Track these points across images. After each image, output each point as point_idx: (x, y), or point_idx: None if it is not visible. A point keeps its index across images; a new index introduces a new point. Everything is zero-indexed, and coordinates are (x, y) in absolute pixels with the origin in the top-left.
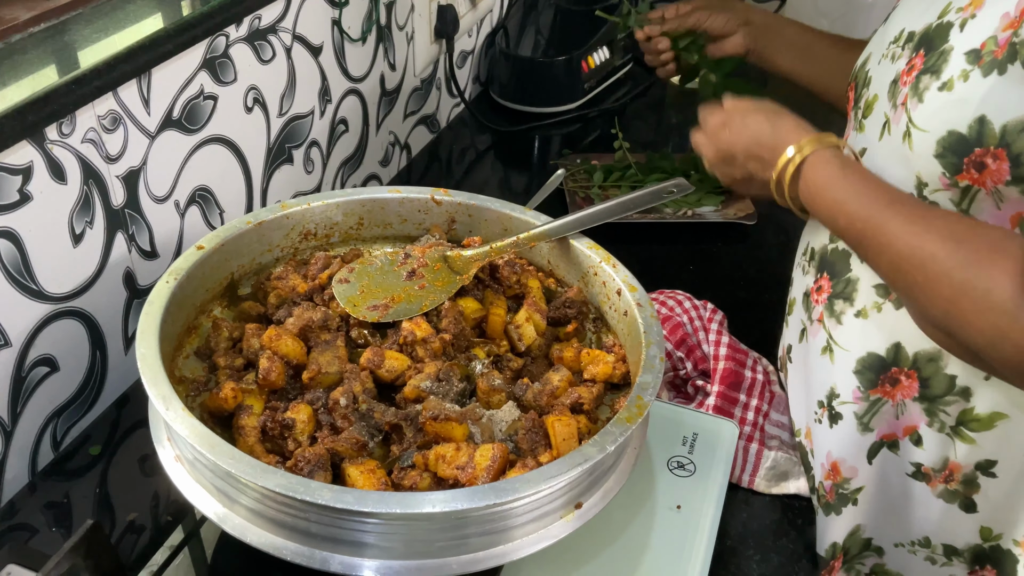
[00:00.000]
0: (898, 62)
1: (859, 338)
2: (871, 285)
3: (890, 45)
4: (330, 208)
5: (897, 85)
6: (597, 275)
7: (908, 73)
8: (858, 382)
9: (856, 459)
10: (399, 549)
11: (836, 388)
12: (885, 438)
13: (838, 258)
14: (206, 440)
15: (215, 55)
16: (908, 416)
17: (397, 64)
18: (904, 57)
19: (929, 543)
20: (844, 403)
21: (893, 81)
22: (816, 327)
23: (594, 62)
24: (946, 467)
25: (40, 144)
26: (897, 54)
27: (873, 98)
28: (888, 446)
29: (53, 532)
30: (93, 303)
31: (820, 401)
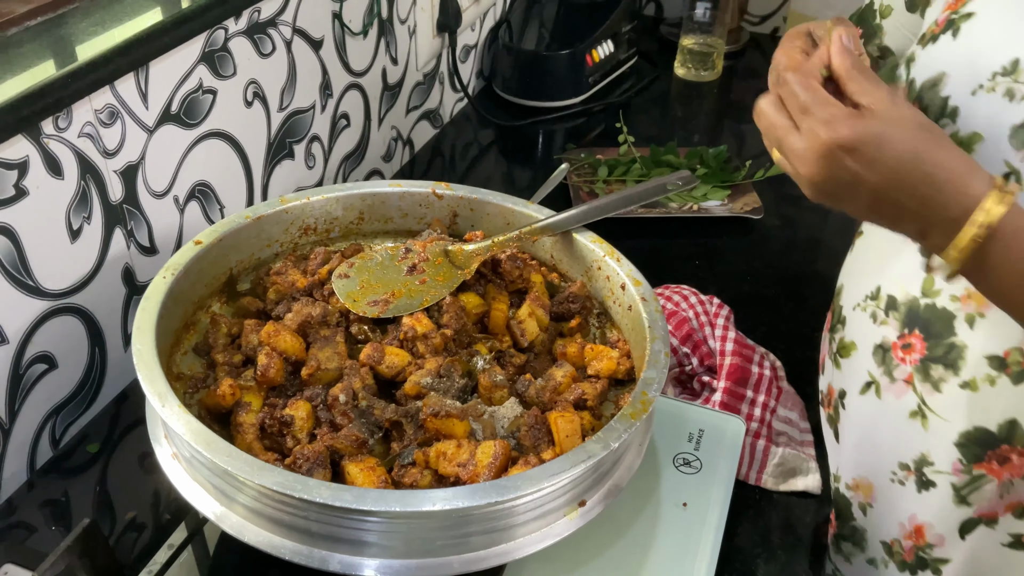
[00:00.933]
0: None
1: (965, 410)
2: (983, 355)
3: (999, 77)
4: (330, 202)
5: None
6: (601, 269)
7: None
8: (960, 455)
9: (945, 528)
10: (399, 548)
11: (930, 456)
12: (984, 516)
13: (937, 318)
14: (203, 438)
15: (214, 48)
16: (1014, 494)
17: (399, 58)
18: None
19: None
20: (939, 472)
21: (1020, 126)
22: (901, 387)
23: (598, 55)
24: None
25: (36, 138)
26: (1017, 91)
27: (972, 137)
28: (986, 523)
29: (52, 530)
30: (91, 300)
31: (904, 464)
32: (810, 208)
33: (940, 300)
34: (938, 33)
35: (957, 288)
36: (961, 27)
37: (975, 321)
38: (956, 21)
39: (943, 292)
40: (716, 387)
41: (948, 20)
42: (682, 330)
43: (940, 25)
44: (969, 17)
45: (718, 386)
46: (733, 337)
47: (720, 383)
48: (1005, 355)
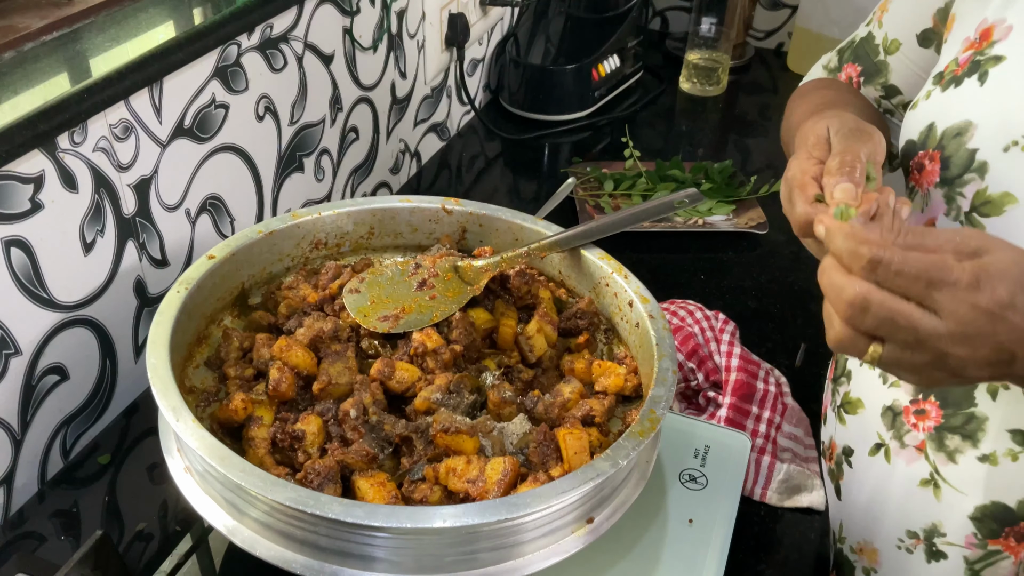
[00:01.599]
0: None
1: (983, 485)
2: (1006, 429)
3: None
4: (341, 217)
5: None
6: (609, 286)
7: None
8: (975, 528)
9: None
10: (409, 564)
11: (942, 527)
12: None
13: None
14: (216, 452)
15: (227, 64)
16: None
17: (408, 72)
18: None
19: None
20: (951, 544)
21: None
22: (911, 454)
23: (604, 70)
24: None
25: (52, 153)
26: None
27: (1003, 197)
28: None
29: (62, 541)
30: (103, 312)
31: (913, 532)
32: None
33: None
34: (960, 75)
35: None
36: (990, 72)
37: (998, 393)
38: (983, 64)
39: None
40: (721, 403)
41: (973, 61)
42: (688, 345)
43: (963, 66)
44: (999, 62)
45: (723, 402)
46: (738, 353)
47: (725, 399)
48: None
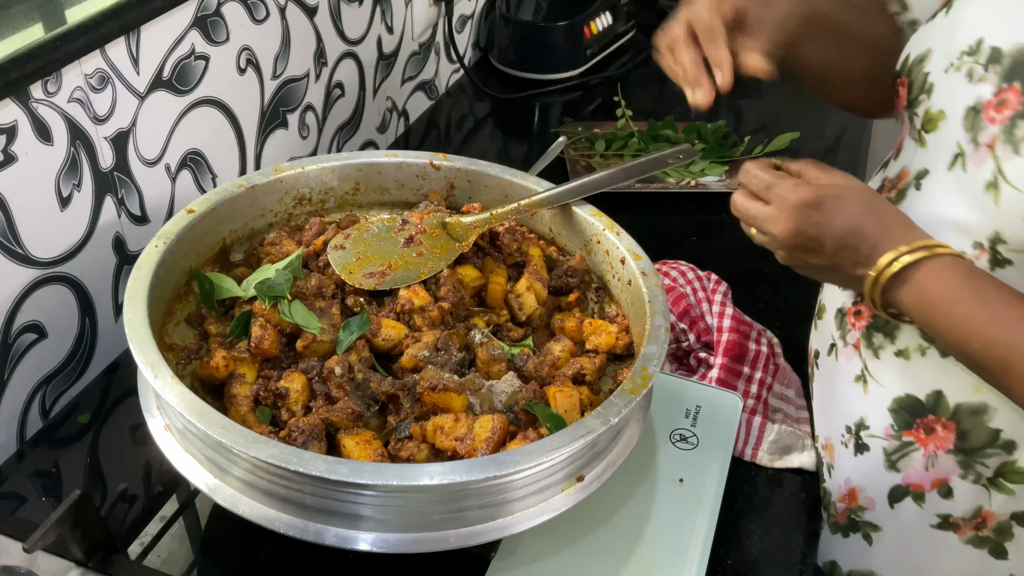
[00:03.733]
0: (979, 85)
1: (898, 378)
2: (917, 328)
3: (964, 56)
4: (325, 172)
5: (979, 117)
6: (600, 243)
7: (998, 109)
8: (892, 420)
9: (876, 493)
10: (395, 522)
11: (867, 420)
12: (912, 487)
13: None
14: (196, 409)
15: (206, 13)
16: (939, 469)
17: (395, 27)
18: (989, 83)
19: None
20: (874, 436)
21: (972, 108)
22: (850, 352)
23: (596, 28)
24: (979, 515)
25: (24, 103)
26: (977, 73)
27: (938, 114)
28: (913, 496)
29: (43, 501)
30: (82, 268)
31: (848, 427)
32: None
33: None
34: (939, 10)
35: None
36: (954, 5)
37: None
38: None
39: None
40: (713, 363)
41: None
42: (679, 306)
43: (943, 2)
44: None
45: (715, 362)
46: (731, 313)
47: (717, 359)
48: None
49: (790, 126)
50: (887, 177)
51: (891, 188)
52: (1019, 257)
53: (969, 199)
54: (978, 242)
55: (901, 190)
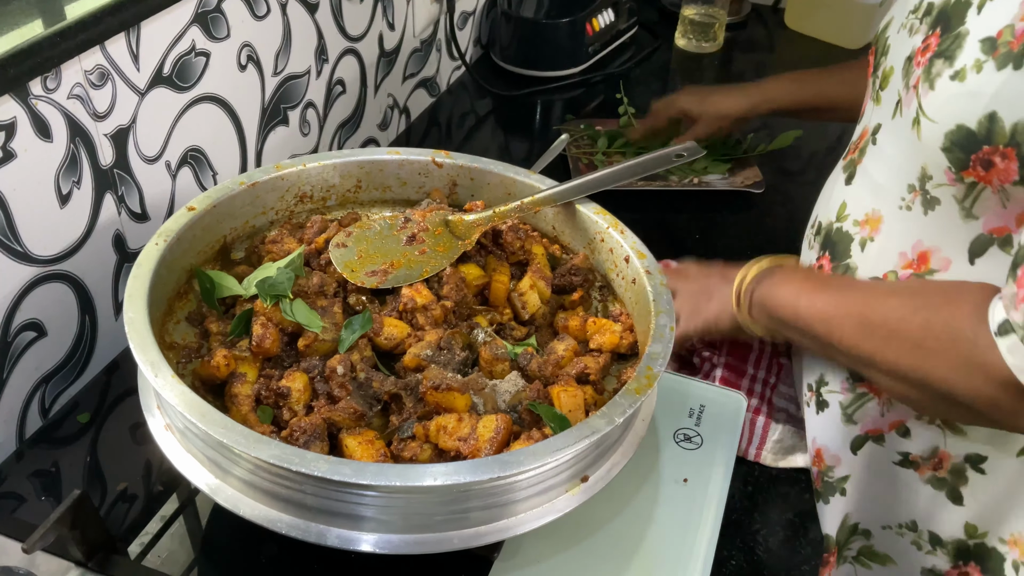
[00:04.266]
0: (915, 36)
1: None
2: (869, 277)
3: (909, 15)
4: (327, 170)
5: (911, 64)
6: (604, 241)
7: (923, 53)
8: (846, 373)
9: (840, 449)
10: (398, 523)
11: (825, 376)
12: (870, 432)
13: (841, 240)
14: (197, 409)
15: (207, 9)
16: (895, 412)
17: (396, 23)
18: (921, 32)
19: (916, 527)
20: (832, 392)
21: (908, 58)
22: None
23: (599, 24)
24: (935, 455)
25: (24, 99)
26: (915, 26)
27: (890, 70)
28: (873, 439)
29: (41, 501)
30: (81, 266)
31: (810, 384)
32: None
33: (846, 225)
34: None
35: (859, 213)
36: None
37: (866, 244)
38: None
39: (849, 217)
40: (717, 363)
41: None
42: None
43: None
44: None
45: (719, 362)
46: None
47: (721, 359)
48: (883, 277)
49: (792, 124)
50: (852, 141)
51: (854, 149)
52: (944, 193)
53: (905, 141)
54: (911, 184)
55: (862, 148)
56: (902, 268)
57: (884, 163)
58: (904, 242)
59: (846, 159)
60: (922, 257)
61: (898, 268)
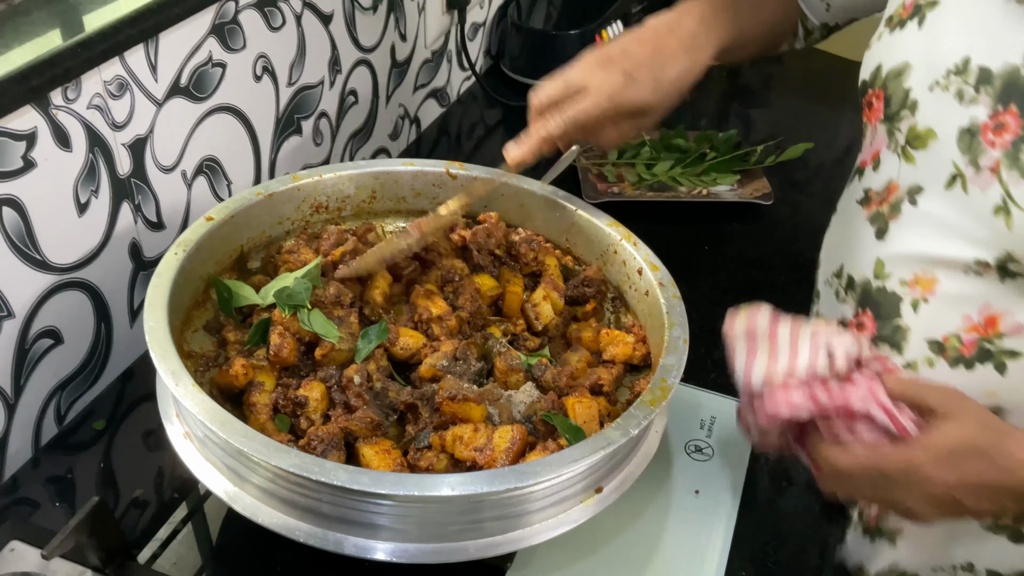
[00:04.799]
0: (972, 108)
1: None
2: (924, 339)
3: (951, 76)
4: (342, 180)
5: (977, 140)
6: (617, 253)
7: (998, 133)
8: None
9: None
10: (414, 532)
11: None
12: None
13: (886, 300)
14: (217, 417)
15: (224, 21)
16: None
17: (408, 35)
18: (983, 105)
19: (972, 568)
20: None
21: (967, 131)
22: None
23: (608, 36)
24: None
25: (45, 109)
26: (968, 94)
27: (927, 132)
28: None
29: (56, 508)
30: (98, 274)
31: None
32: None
33: (890, 284)
34: (906, 19)
35: (906, 273)
36: (927, 16)
37: (919, 305)
38: (923, 8)
39: (892, 276)
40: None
41: (915, 6)
42: None
43: (908, 10)
44: (934, 6)
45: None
46: None
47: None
48: (944, 340)
49: (800, 135)
50: (871, 189)
51: (880, 201)
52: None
53: (975, 220)
54: (983, 260)
55: (894, 204)
56: (966, 331)
57: (936, 232)
58: (969, 305)
59: (868, 209)
60: (990, 321)
61: (961, 331)
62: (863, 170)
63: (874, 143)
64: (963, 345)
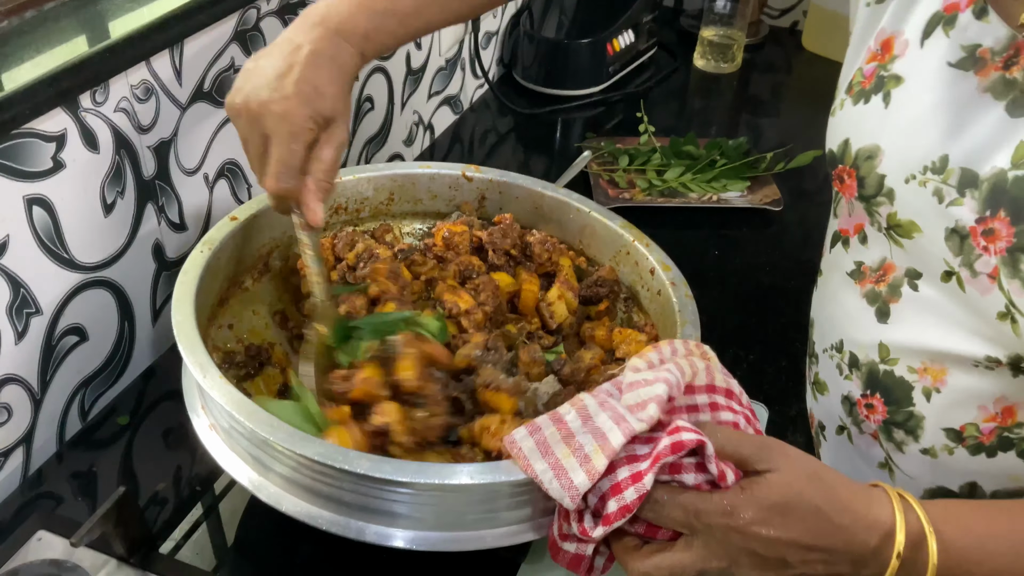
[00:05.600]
0: (956, 209)
1: (928, 472)
2: (940, 428)
3: (929, 173)
4: (361, 183)
5: (968, 243)
6: (630, 254)
7: (989, 239)
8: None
9: None
10: (433, 520)
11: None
12: None
13: (896, 385)
14: (244, 407)
15: (246, 28)
16: None
17: (423, 43)
18: (966, 207)
19: None
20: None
21: (953, 231)
22: (869, 440)
23: (619, 45)
24: None
25: (74, 112)
26: (949, 195)
27: (909, 224)
28: None
29: (79, 502)
30: (123, 274)
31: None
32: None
33: (898, 369)
34: (868, 90)
35: (914, 360)
36: (892, 94)
37: (931, 395)
38: (887, 83)
39: (900, 361)
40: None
41: (877, 76)
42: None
43: (869, 79)
44: (899, 82)
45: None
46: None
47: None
48: (961, 429)
49: (809, 144)
50: (863, 264)
51: (877, 280)
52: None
53: (979, 319)
54: (994, 357)
55: (893, 286)
56: (983, 421)
57: (943, 324)
58: (983, 397)
59: (863, 285)
60: (1007, 411)
61: (979, 421)
62: (847, 239)
63: (854, 215)
64: (982, 434)
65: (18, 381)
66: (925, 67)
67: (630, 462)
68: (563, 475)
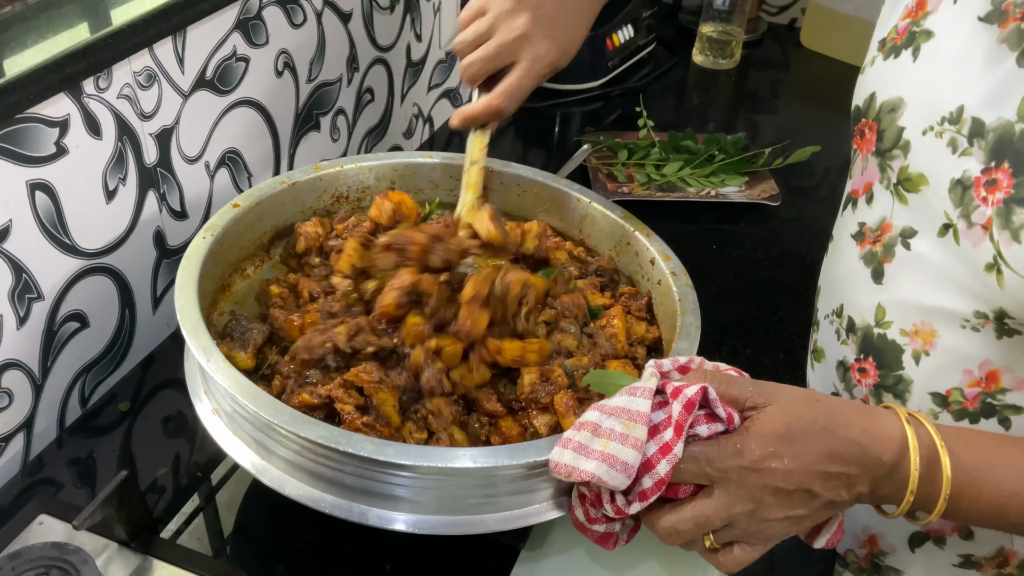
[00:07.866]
0: (965, 160)
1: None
2: (928, 392)
3: (946, 123)
4: (363, 171)
5: (969, 194)
6: (630, 244)
7: (990, 189)
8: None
9: (896, 539)
10: (434, 504)
11: None
12: (932, 532)
13: (887, 348)
14: (248, 391)
15: (248, 16)
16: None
17: (423, 35)
18: (974, 157)
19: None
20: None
21: (959, 183)
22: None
23: (618, 40)
24: (1001, 555)
25: (77, 97)
26: (961, 145)
27: (919, 177)
28: (934, 540)
29: (78, 488)
30: (124, 261)
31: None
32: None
33: (891, 332)
34: (899, 45)
35: (905, 322)
36: (921, 48)
37: (921, 358)
38: (917, 37)
39: (893, 325)
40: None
41: (909, 32)
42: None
43: (901, 35)
44: (929, 37)
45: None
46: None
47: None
48: (947, 393)
49: (806, 140)
50: (865, 224)
51: (874, 240)
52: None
53: (968, 272)
54: (981, 312)
55: (887, 245)
56: (968, 386)
57: (930, 281)
58: (969, 360)
59: (862, 246)
60: (992, 376)
61: (964, 386)
62: (856, 200)
63: (866, 173)
64: (966, 400)
65: (19, 366)
66: (955, 21)
67: (653, 435)
68: (614, 461)
